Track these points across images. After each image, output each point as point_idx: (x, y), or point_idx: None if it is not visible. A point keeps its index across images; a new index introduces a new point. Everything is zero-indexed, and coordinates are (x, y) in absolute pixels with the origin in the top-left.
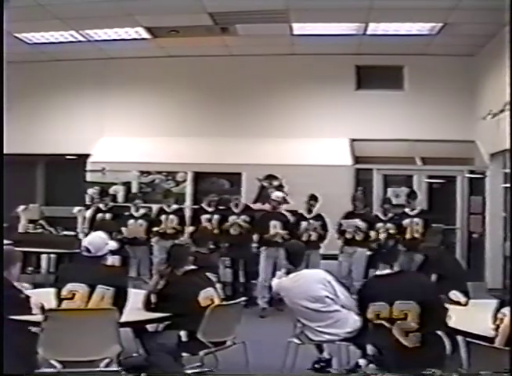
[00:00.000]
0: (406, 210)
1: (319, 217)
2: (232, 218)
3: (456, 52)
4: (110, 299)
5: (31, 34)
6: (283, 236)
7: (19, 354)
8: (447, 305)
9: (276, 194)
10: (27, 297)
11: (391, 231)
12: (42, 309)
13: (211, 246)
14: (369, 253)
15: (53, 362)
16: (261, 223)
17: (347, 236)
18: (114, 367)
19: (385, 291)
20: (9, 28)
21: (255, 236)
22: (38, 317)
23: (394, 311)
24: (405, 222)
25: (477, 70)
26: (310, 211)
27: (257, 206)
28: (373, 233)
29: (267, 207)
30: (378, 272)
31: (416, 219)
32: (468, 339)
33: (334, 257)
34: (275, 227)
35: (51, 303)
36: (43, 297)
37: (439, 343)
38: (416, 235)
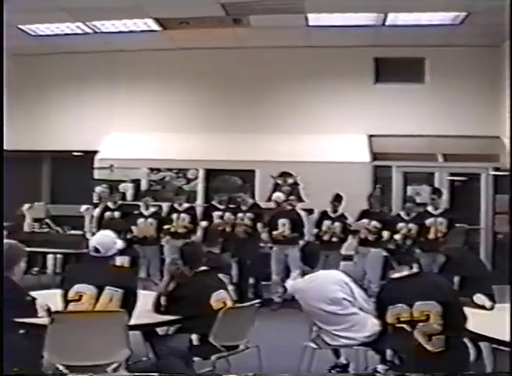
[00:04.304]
0: (429, 209)
1: (342, 217)
2: (238, 216)
3: (480, 42)
4: (119, 301)
5: (36, 25)
6: (283, 235)
7: (24, 357)
8: (469, 309)
9: (277, 195)
10: (33, 299)
11: (413, 231)
12: (48, 311)
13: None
14: (384, 254)
15: (59, 366)
16: (271, 221)
17: (361, 236)
18: (123, 372)
19: (404, 293)
20: (13, 19)
21: (264, 235)
22: (44, 320)
23: (415, 312)
24: (429, 221)
25: (503, 62)
26: (335, 211)
27: (271, 205)
28: (386, 234)
29: (274, 205)
30: (397, 274)
31: (440, 219)
32: (494, 345)
33: (350, 258)
34: (283, 225)
35: (57, 305)
36: (49, 299)
37: (463, 348)
38: (439, 235)
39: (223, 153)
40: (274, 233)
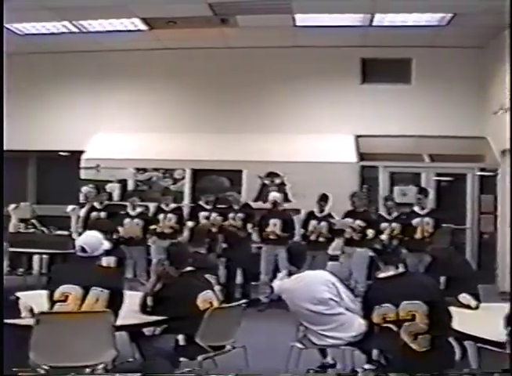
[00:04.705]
0: (416, 209)
1: (329, 217)
2: (230, 216)
3: (466, 43)
4: (105, 302)
5: (22, 24)
6: (277, 234)
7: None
8: (454, 309)
9: (274, 195)
10: (17, 299)
11: (396, 231)
12: (31, 311)
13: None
14: (371, 254)
15: (44, 367)
16: (262, 222)
17: (346, 235)
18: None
19: (391, 292)
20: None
21: (255, 235)
22: (28, 321)
23: (401, 312)
24: (415, 221)
25: (489, 63)
26: (322, 211)
27: (258, 205)
28: (370, 232)
29: (268, 205)
30: (383, 274)
31: (426, 219)
32: (479, 344)
33: (336, 258)
34: (274, 225)
35: (43, 306)
36: (35, 299)
37: (448, 347)
38: (426, 235)
39: (210, 153)
40: (265, 231)
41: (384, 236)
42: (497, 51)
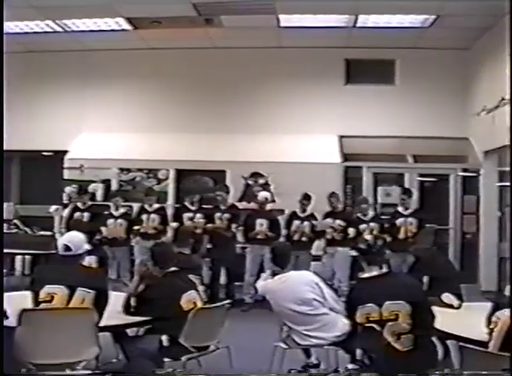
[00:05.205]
0: (399, 209)
1: (311, 217)
2: (217, 216)
3: (449, 45)
4: (91, 302)
5: (5, 23)
6: (266, 234)
7: None
8: (437, 308)
9: (263, 195)
10: None
11: (375, 231)
12: (4, 314)
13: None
14: (354, 253)
15: (28, 365)
16: (248, 222)
17: (328, 236)
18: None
19: (374, 293)
20: None
21: (240, 236)
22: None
23: (384, 312)
24: (399, 221)
25: (472, 64)
26: (304, 211)
27: (243, 205)
28: (351, 231)
29: (252, 206)
30: (367, 275)
31: (410, 219)
32: (461, 344)
33: (319, 258)
34: (261, 225)
35: (27, 307)
36: (18, 300)
37: (431, 347)
38: (409, 235)
39: (194, 153)
40: (253, 231)
41: (368, 237)
42: (480, 52)
